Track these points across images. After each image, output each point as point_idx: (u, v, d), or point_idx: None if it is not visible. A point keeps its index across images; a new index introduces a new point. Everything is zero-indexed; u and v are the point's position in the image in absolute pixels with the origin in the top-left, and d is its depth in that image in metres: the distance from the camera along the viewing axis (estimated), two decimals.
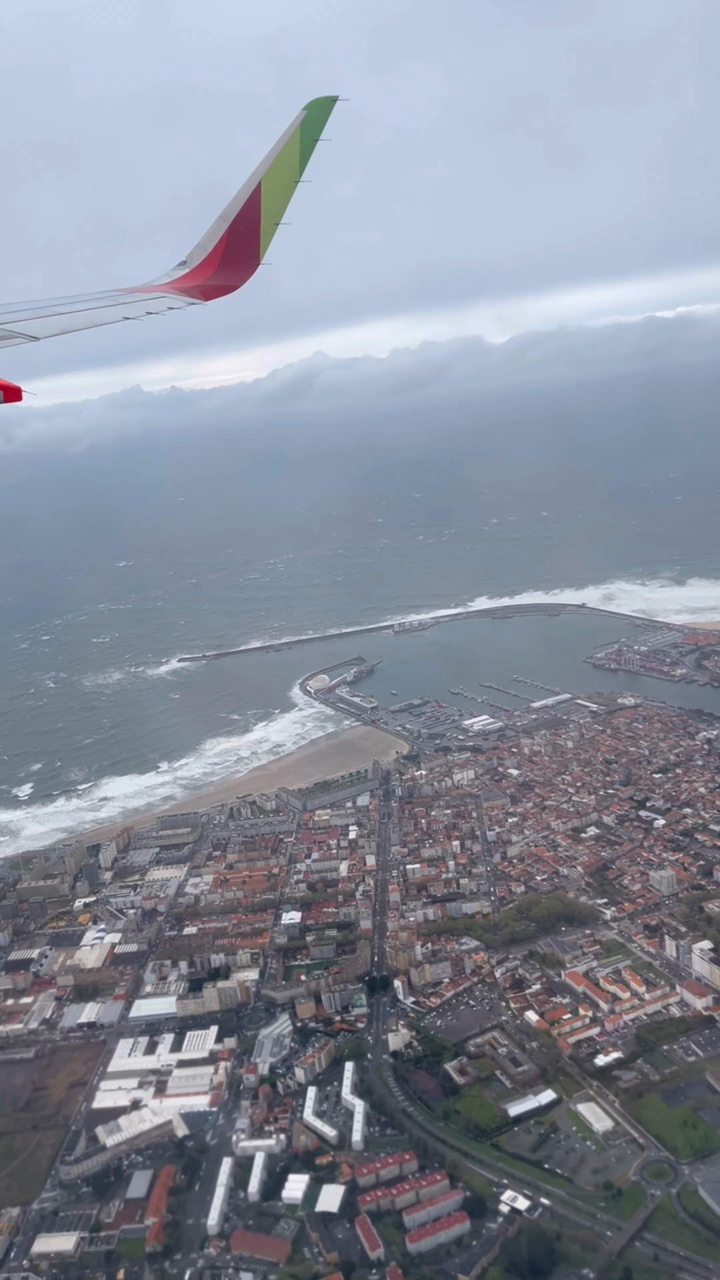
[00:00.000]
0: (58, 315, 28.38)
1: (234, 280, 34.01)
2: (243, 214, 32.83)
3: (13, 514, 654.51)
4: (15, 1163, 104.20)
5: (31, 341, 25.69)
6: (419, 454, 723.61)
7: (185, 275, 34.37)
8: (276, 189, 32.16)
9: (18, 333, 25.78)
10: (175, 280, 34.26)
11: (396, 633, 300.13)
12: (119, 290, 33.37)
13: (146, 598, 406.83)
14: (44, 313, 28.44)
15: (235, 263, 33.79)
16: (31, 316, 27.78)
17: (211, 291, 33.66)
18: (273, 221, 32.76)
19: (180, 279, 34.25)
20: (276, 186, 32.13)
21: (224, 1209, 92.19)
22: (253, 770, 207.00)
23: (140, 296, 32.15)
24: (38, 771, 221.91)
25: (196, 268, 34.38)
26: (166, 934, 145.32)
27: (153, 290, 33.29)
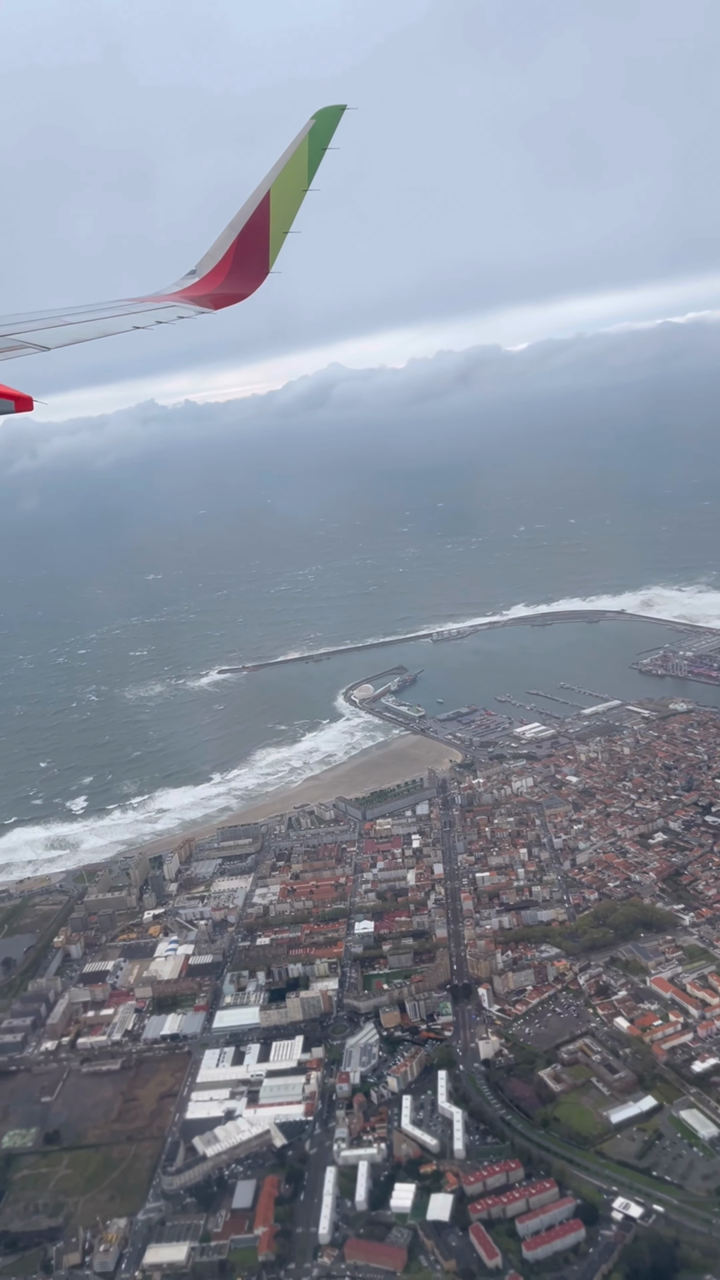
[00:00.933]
0: (68, 325, 28.45)
1: (243, 289, 34.21)
2: (252, 223, 33.07)
3: (40, 529, 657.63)
4: (115, 1174, 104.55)
5: (42, 351, 25.71)
6: (439, 463, 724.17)
7: (195, 284, 34.56)
8: (285, 198, 32.40)
9: (29, 343, 25.79)
10: (185, 290, 34.42)
11: (435, 641, 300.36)
12: (129, 300, 33.52)
13: (178, 610, 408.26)
14: (54, 323, 28.56)
15: (244, 271, 33.99)
16: (42, 327, 27.87)
17: (221, 300, 33.80)
18: (282, 230, 32.97)
19: (190, 288, 34.43)
20: (285, 195, 32.37)
21: (333, 1218, 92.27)
22: (306, 780, 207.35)
23: (150, 306, 32.32)
24: (89, 785, 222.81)
25: (206, 277, 34.57)
26: (239, 944, 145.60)
27: (162, 300, 33.46)
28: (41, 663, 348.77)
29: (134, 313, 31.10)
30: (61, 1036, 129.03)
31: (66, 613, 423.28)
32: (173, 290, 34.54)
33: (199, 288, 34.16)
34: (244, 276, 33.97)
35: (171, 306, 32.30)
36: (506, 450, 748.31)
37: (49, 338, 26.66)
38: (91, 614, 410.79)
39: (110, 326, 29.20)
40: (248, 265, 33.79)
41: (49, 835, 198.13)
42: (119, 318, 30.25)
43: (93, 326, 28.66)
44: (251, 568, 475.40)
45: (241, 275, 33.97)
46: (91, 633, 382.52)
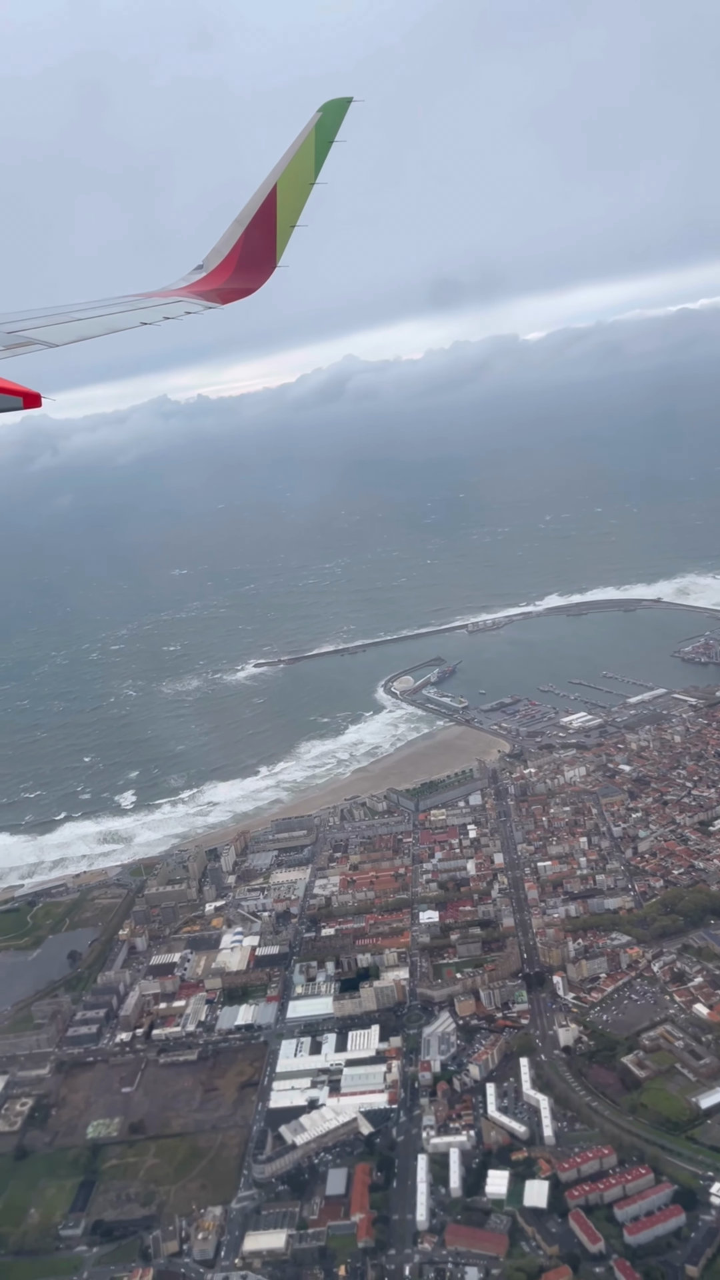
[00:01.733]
0: (75, 321, 28.28)
1: (251, 283, 34.05)
2: (259, 217, 32.88)
3: (64, 525, 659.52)
4: (203, 1163, 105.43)
5: (50, 348, 25.58)
6: (459, 453, 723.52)
7: (202, 279, 34.41)
8: (292, 191, 32.23)
9: (36, 339, 25.65)
10: (192, 285, 34.29)
11: (471, 632, 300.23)
12: (136, 295, 33.33)
13: (207, 605, 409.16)
14: (61, 319, 28.37)
15: (252, 266, 33.84)
16: (49, 323, 27.70)
17: (228, 295, 33.68)
18: (289, 224, 32.79)
19: (197, 283, 34.29)
20: (292, 189, 32.21)
21: (429, 1204, 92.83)
22: (355, 772, 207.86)
23: (157, 301, 32.18)
24: (136, 779, 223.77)
25: (213, 271, 34.41)
26: (304, 936, 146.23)
27: (170, 295, 33.33)
28: (76, 659, 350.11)
29: (141, 308, 31.06)
30: (135, 1028, 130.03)
31: (96, 609, 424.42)
32: (180, 285, 34.47)
33: (206, 283, 34.11)
34: (251, 271, 33.91)
35: (179, 302, 32.27)
36: (527, 440, 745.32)
37: (56, 334, 26.58)
38: (121, 610, 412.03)
39: (118, 323, 29.17)
40: (255, 259, 33.73)
41: (100, 830, 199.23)
42: (126, 313, 30.22)
43: (100, 323, 28.61)
44: (276, 561, 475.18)
45: (249, 270, 33.91)
46: (122, 628, 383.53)
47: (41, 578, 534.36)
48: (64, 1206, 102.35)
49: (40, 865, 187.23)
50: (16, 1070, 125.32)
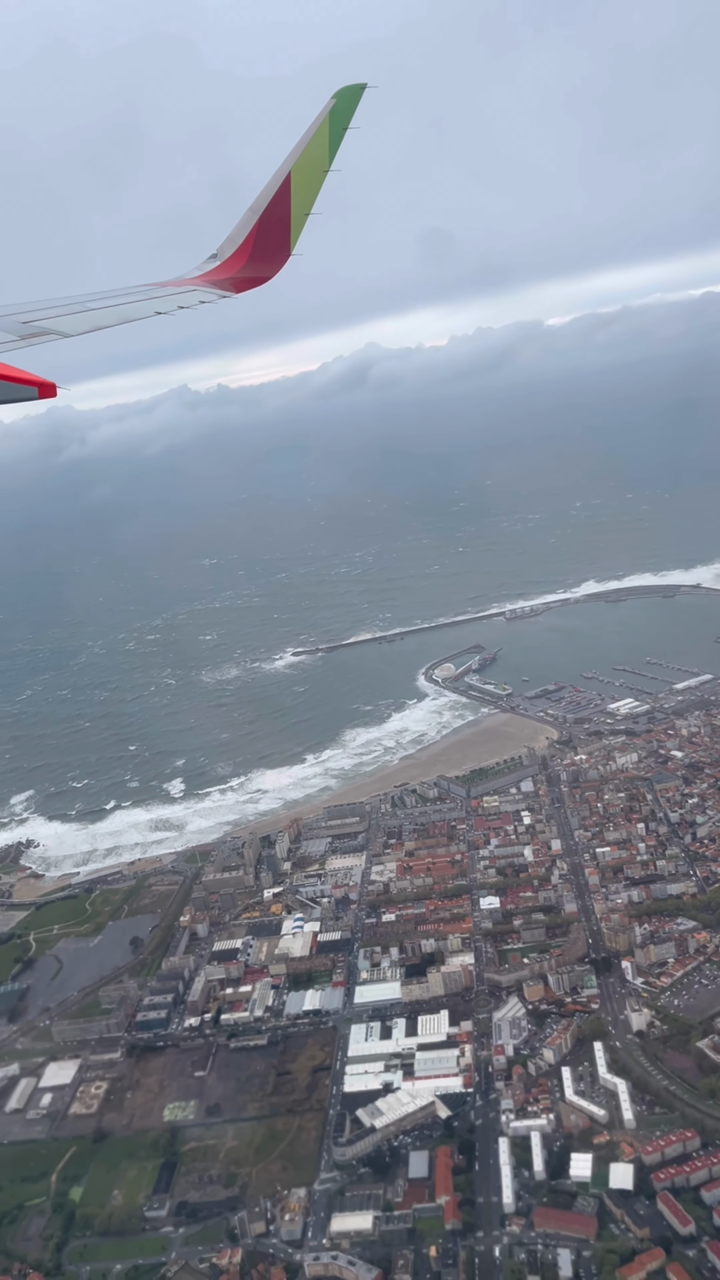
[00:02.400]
0: (89, 311, 28.09)
1: (265, 272, 33.79)
2: (273, 205, 32.54)
3: (93, 516, 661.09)
4: (282, 1145, 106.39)
5: (64, 338, 25.35)
6: (485, 441, 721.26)
7: (216, 268, 34.19)
8: (306, 179, 31.88)
9: (51, 329, 25.45)
10: (206, 273, 34.06)
11: (509, 620, 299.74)
12: (150, 285, 33.23)
13: (240, 595, 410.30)
14: (76, 309, 28.19)
15: (266, 254, 33.55)
16: (64, 313, 27.47)
17: (242, 284, 33.43)
18: (303, 212, 32.43)
19: (211, 272, 34.08)
20: (306, 176, 31.85)
21: (514, 1188, 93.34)
22: (402, 759, 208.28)
23: (171, 290, 31.94)
24: (183, 767, 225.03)
25: (227, 260, 34.14)
26: (365, 921, 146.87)
27: (184, 284, 33.10)
28: (112, 649, 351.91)
29: (155, 297, 30.84)
30: (203, 1013, 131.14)
31: (129, 599, 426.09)
32: (194, 274, 34.33)
33: (220, 271, 33.93)
34: (265, 259, 33.70)
35: (193, 290, 32.06)
36: (553, 426, 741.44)
37: (71, 324, 26.39)
38: (154, 600, 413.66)
39: (132, 312, 28.99)
40: (269, 248, 33.49)
41: (151, 817, 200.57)
42: (140, 303, 30.06)
43: (114, 312, 28.47)
44: (306, 551, 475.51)
45: (263, 258, 33.69)
46: (156, 618, 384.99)
47: (71, 568, 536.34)
48: (147, 1188, 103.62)
49: (94, 853, 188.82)
50: (89, 1054, 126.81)
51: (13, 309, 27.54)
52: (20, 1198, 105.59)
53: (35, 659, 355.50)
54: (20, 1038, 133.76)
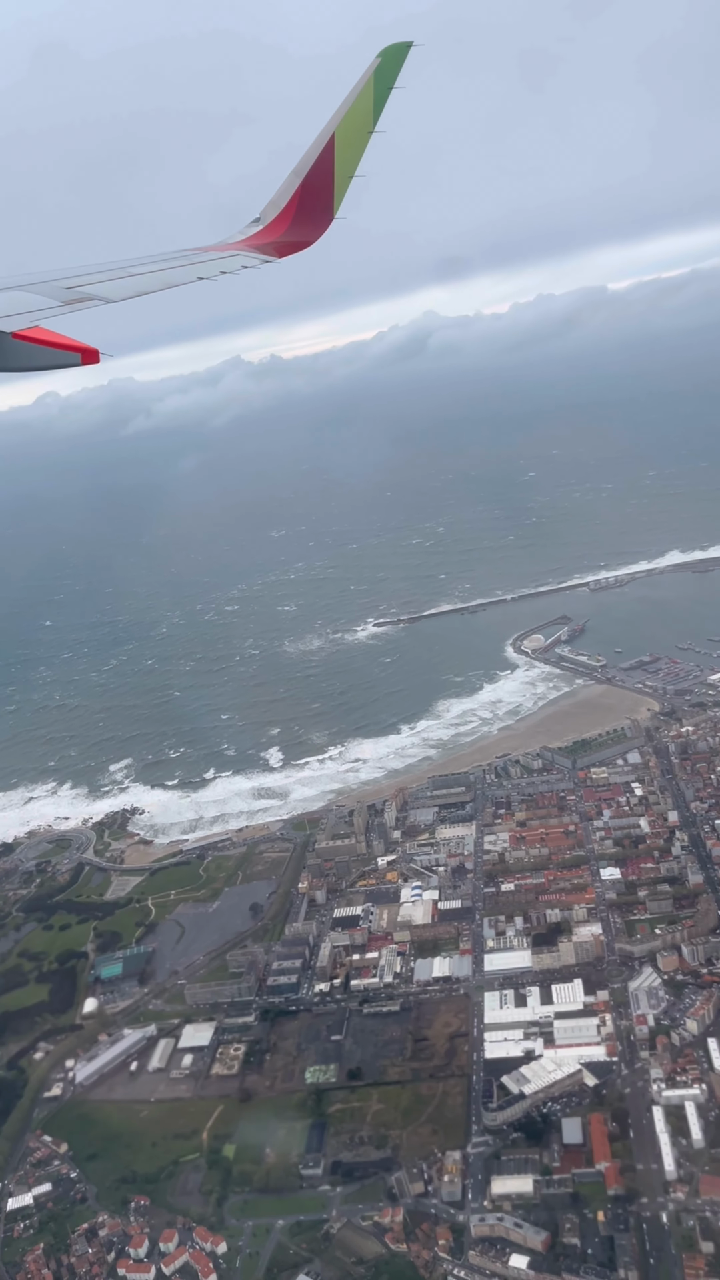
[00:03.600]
0: (132, 277, 27.57)
1: (308, 236, 33.05)
2: (316, 167, 31.75)
3: (157, 488, 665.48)
4: (430, 1109, 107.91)
5: (107, 304, 24.91)
6: (549, 408, 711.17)
7: (259, 232, 33.44)
8: (350, 141, 31.03)
9: (93, 295, 25.01)
10: (249, 238, 33.32)
11: (593, 590, 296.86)
12: (193, 250, 32.45)
13: (312, 566, 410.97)
14: (119, 274, 27.73)
15: (309, 218, 32.77)
16: (107, 279, 27.02)
17: (285, 248, 32.75)
18: (347, 174, 31.63)
19: (254, 236, 33.35)
20: (350, 138, 30.98)
21: (675, 1155, 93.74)
22: (501, 730, 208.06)
23: (214, 255, 31.30)
24: (278, 736, 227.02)
25: (270, 224, 33.40)
26: (484, 890, 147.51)
27: (227, 248, 32.40)
28: (192, 619, 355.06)
29: (198, 262, 30.27)
30: (331, 979, 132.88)
31: (201, 570, 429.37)
32: (237, 238, 33.58)
33: (263, 235, 33.25)
34: (309, 223, 32.96)
35: (235, 256, 31.39)
36: (621, 393, 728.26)
37: (114, 290, 25.99)
38: (227, 571, 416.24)
39: (174, 277, 28.42)
40: (312, 211, 32.73)
41: (253, 786, 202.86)
42: (183, 268, 29.50)
43: (157, 278, 27.95)
44: (375, 521, 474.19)
45: (306, 222, 32.95)
46: (232, 589, 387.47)
47: (139, 539, 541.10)
48: (299, 1147, 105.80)
49: (200, 820, 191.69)
50: (223, 1017, 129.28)
51: (55, 274, 27.29)
52: (175, 1153, 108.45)
53: (116, 630, 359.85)
54: (152, 1000, 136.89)
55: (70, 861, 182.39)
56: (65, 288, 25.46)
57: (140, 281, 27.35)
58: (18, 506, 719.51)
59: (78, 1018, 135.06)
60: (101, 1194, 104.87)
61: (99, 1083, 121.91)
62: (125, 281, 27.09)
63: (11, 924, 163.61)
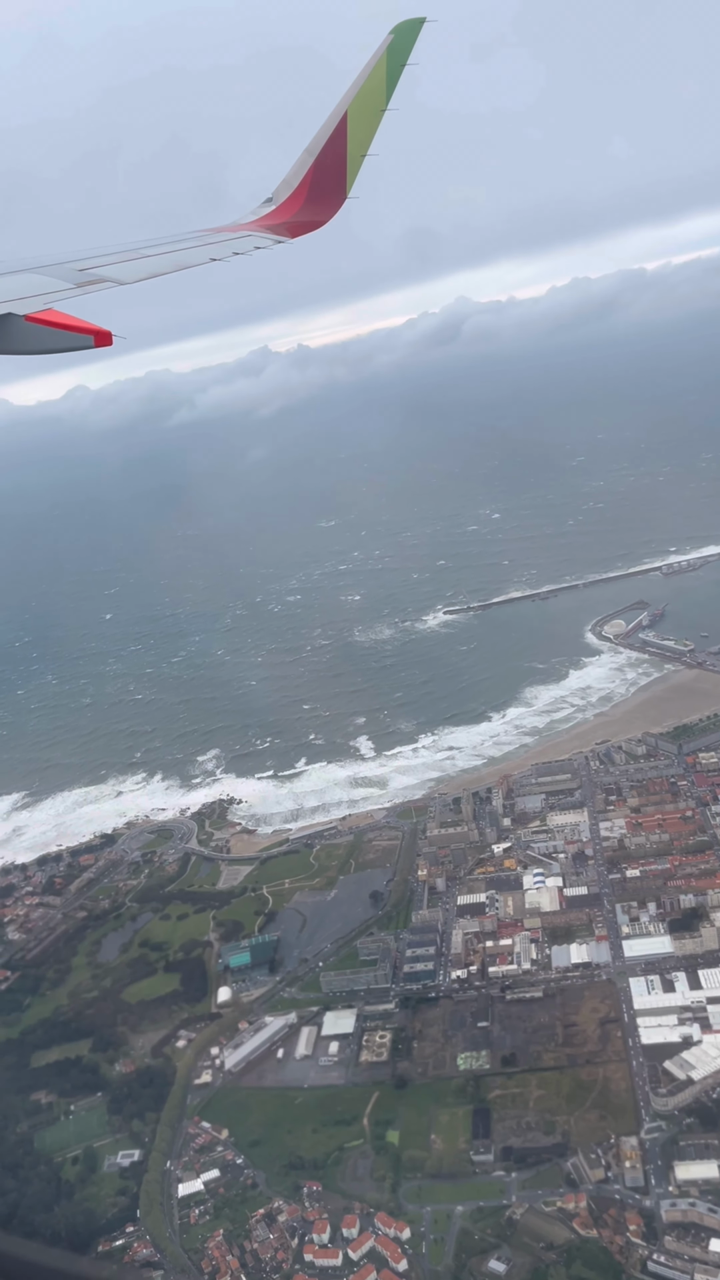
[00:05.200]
0: (144, 259, 27.23)
1: (321, 216, 32.66)
2: (329, 146, 31.38)
3: (201, 479, 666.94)
4: (594, 1095, 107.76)
5: (119, 286, 24.67)
6: (593, 393, 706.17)
7: (271, 213, 32.98)
8: (363, 119, 30.67)
9: (106, 277, 24.76)
10: (261, 218, 32.89)
11: (666, 575, 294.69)
12: (204, 231, 31.97)
13: (369, 556, 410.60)
14: (130, 256, 27.39)
15: (322, 197, 32.42)
16: (119, 261, 26.73)
17: (298, 228, 32.36)
18: (359, 153, 31.21)
19: (266, 216, 32.91)
20: (363, 116, 30.62)
21: None
22: (596, 717, 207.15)
23: (226, 236, 30.93)
24: (364, 725, 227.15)
25: (283, 204, 33.01)
26: (609, 877, 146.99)
27: (239, 229, 31.97)
28: (255, 611, 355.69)
29: (210, 243, 29.89)
30: (467, 965, 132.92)
31: (257, 561, 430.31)
32: (249, 219, 33.13)
33: (275, 215, 32.83)
34: (321, 202, 32.59)
35: (247, 236, 31.03)
36: (664, 377, 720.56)
37: (126, 272, 25.69)
38: (282, 562, 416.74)
39: (186, 259, 28.04)
40: (325, 190, 32.40)
41: (349, 774, 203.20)
42: (195, 249, 29.13)
43: (169, 259, 27.58)
44: (426, 509, 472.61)
45: (319, 201, 32.58)
46: (291, 580, 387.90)
47: (185, 531, 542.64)
48: (465, 1133, 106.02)
49: (301, 810, 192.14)
50: (363, 1005, 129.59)
51: (67, 257, 27.02)
52: (338, 1140, 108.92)
53: (179, 622, 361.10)
54: (286, 988, 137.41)
55: (176, 852, 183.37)
56: (77, 270, 25.44)
57: (152, 263, 27.22)
58: (61, 499, 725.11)
59: (213, 1006, 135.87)
60: (271, 1179, 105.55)
61: (247, 1069, 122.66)
62: (137, 264, 27.01)
63: (127, 914, 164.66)
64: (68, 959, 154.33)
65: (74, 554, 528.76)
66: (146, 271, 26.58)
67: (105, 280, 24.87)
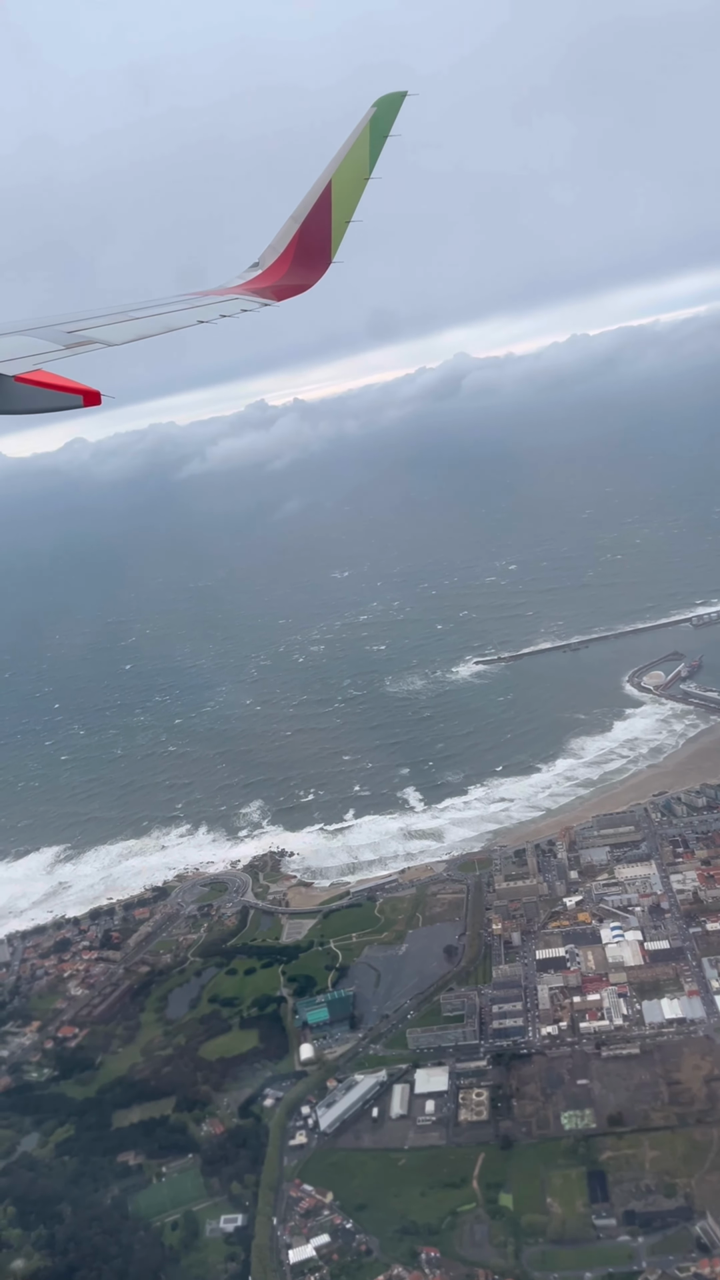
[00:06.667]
0: (133, 320, 27.81)
1: (306, 280, 33.68)
2: (314, 213, 32.52)
3: (210, 531, 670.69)
4: (712, 1155, 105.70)
5: (108, 347, 25.18)
6: (598, 448, 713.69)
7: (258, 277, 34.01)
8: (347, 187, 31.86)
9: (95, 339, 25.27)
10: (248, 282, 33.88)
11: (696, 626, 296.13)
12: (192, 294, 32.90)
13: (388, 606, 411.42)
14: (119, 318, 27.95)
15: (307, 262, 33.47)
16: (107, 322, 27.28)
17: (284, 292, 33.34)
18: (344, 220, 32.40)
19: (253, 280, 33.91)
20: (347, 185, 31.82)
21: None
22: (649, 768, 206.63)
23: (214, 299, 31.72)
24: (409, 776, 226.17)
25: (269, 269, 34.03)
26: (690, 930, 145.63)
27: (226, 293, 32.88)
28: (279, 661, 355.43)
29: (198, 306, 30.76)
30: (556, 1021, 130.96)
31: (274, 612, 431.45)
32: (236, 283, 34.27)
33: (262, 280, 33.90)
34: (306, 267, 33.71)
35: (234, 299, 31.93)
36: (669, 431, 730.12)
37: (115, 333, 26.23)
38: (301, 613, 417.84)
39: (175, 321, 28.77)
40: (310, 256, 33.53)
41: (402, 826, 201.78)
42: (183, 311, 29.94)
43: (157, 321, 28.25)
44: (440, 560, 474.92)
45: (304, 266, 33.70)
46: (312, 631, 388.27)
47: (198, 583, 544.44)
48: (581, 1196, 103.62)
49: (358, 863, 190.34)
50: (454, 1062, 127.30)
51: (57, 319, 27.56)
52: (449, 1203, 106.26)
53: (202, 673, 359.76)
54: (371, 1044, 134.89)
55: (233, 905, 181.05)
56: (66, 331, 25.84)
57: (141, 325, 27.70)
58: (67, 550, 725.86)
59: (296, 1064, 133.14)
60: (385, 1245, 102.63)
61: (342, 1130, 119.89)
62: (126, 325, 27.48)
63: (191, 969, 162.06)
64: (135, 1015, 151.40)
65: (86, 605, 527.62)
66: (135, 333, 26.96)
67: (94, 341, 25.32)
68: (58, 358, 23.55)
